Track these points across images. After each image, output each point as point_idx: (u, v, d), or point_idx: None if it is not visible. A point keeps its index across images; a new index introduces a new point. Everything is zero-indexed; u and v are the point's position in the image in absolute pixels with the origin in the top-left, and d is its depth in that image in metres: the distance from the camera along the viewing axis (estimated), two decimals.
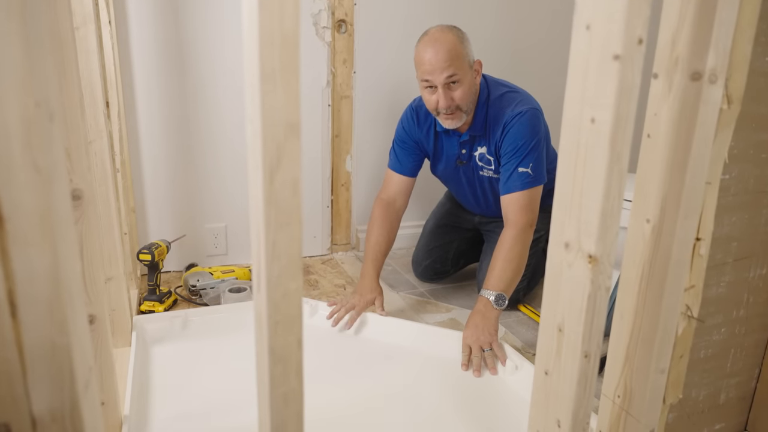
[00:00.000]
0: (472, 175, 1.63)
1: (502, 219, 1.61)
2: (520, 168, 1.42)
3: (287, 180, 0.43)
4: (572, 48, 0.57)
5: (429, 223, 1.90)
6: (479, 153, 1.55)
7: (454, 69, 1.34)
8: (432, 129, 1.59)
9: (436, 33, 1.36)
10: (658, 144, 0.69)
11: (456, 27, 1.39)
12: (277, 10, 0.40)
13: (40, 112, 0.38)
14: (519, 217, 1.41)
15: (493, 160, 1.53)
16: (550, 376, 0.67)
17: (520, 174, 1.42)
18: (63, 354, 0.43)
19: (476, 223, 1.84)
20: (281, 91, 0.41)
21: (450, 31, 1.36)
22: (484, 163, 1.57)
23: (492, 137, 1.49)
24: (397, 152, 1.63)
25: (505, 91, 1.50)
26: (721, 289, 0.91)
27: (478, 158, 1.57)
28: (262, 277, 0.46)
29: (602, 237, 0.58)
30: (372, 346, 1.39)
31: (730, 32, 0.62)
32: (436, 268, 1.85)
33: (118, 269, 1.21)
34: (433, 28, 1.38)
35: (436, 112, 1.44)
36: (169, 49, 1.75)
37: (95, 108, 1.10)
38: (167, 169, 1.84)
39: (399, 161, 1.62)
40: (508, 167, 1.44)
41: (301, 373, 0.51)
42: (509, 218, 1.42)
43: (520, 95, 1.50)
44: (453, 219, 1.87)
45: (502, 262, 1.39)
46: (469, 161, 1.59)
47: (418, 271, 1.88)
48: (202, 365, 1.26)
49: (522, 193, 1.41)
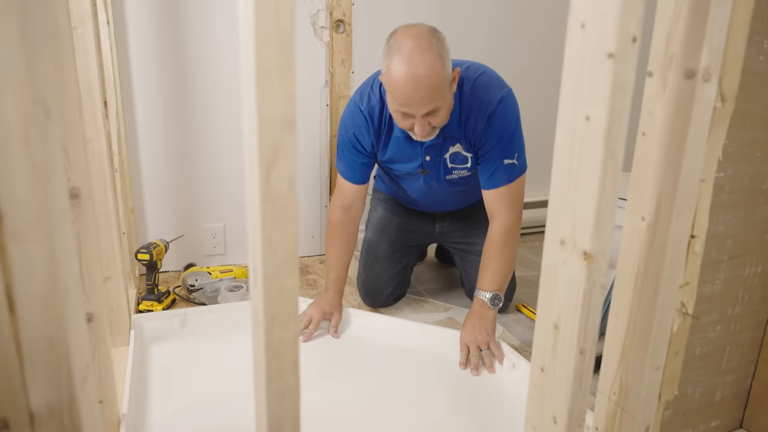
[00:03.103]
0: (436, 183, 1.48)
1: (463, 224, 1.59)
2: (506, 160, 1.33)
3: (283, 176, 0.44)
4: (567, 46, 0.57)
5: (380, 246, 1.64)
6: (452, 153, 1.40)
7: (435, 102, 1.18)
8: (387, 128, 1.40)
9: (416, 61, 1.12)
10: (652, 142, 0.69)
11: (434, 34, 1.16)
12: (273, 8, 0.41)
13: (37, 109, 0.39)
14: (508, 213, 1.35)
15: (470, 157, 1.39)
16: (546, 372, 0.67)
17: (507, 166, 1.34)
18: (60, 349, 0.43)
19: (436, 235, 1.71)
20: (277, 88, 0.41)
21: (430, 50, 1.13)
22: (456, 164, 1.42)
23: (469, 131, 1.34)
24: (347, 161, 1.45)
25: (476, 76, 1.33)
26: (716, 287, 0.91)
27: (449, 160, 1.41)
28: (258, 274, 0.47)
29: (597, 234, 0.59)
30: (370, 346, 1.39)
31: (723, 30, 0.63)
32: (396, 294, 1.69)
33: (116, 268, 1.21)
34: (409, 43, 1.13)
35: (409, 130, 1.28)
36: (168, 49, 1.76)
37: (93, 107, 1.10)
38: (165, 169, 1.85)
39: (350, 170, 1.46)
40: (493, 160, 1.34)
41: (298, 369, 0.51)
42: (497, 214, 1.36)
43: (489, 75, 1.35)
44: (408, 239, 1.68)
45: (494, 262, 1.35)
46: (435, 168, 1.44)
47: (378, 301, 1.64)
48: (200, 364, 1.26)
49: (509, 187, 1.35)
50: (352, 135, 1.42)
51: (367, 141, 1.42)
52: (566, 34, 0.58)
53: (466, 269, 1.68)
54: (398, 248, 1.67)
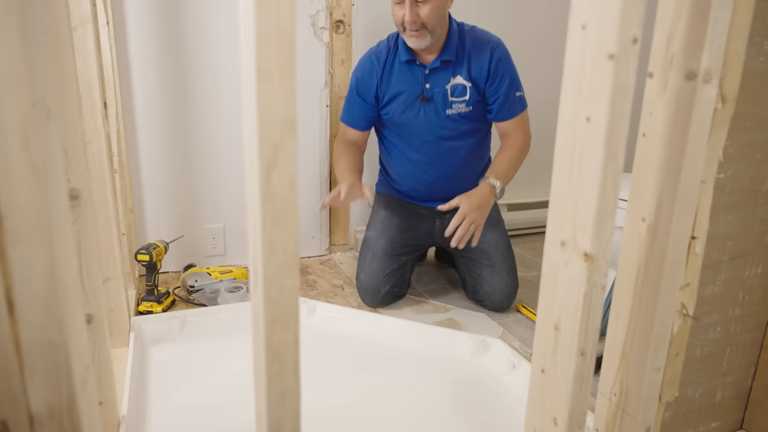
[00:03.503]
0: (435, 116, 1.56)
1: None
2: (517, 93, 1.53)
3: (283, 178, 0.44)
4: (568, 47, 0.57)
5: (379, 243, 1.67)
6: (453, 84, 1.53)
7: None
8: (393, 64, 1.56)
9: None
10: (653, 143, 0.69)
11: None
12: (273, 8, 0.41)
13: (37, 110, 0.38)
14: (524, 134, 1.57)
15: (469, 88, 1.52)
16: (546, 373, 0.67)
17: (518, 98, 1.54)
18: (60, 351, 0.43)
19: (437, 235, 1.73)
20: (278, 89, 0.41)
21: None
22: (456, 96, 1.53)
23: (473, 63, 1.51)
24: (350, 106, 1.64)
25: (473, 26, 1.57)
26: (717, 288, 0.91)
27: (450, 91, 1.53)
28: (258, 275, 0.47)
29: (598, 235, 0.59)
30: (370, 346, 1.39)
31: (724, 32, 0.62)
32: (395, 292, 1.67)
33: (116, 269, 1.21)
34: None
35: (402, 28, 1.46)
36: (168, 49, 1.75)
37: (93, 108, 1.10)
38: (165, 170, 1.85)
39: (352, 116, 1.64)
40: (504, 92, 1.51)
41: (298, 371, 0.51)
42: (514, 136, 1.56)
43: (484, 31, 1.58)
44: (407, 237, 1.70)
45: (509, 161, 1.53)
46: (434, 97, 1.54)
47: (376, 298, 1.64)
48: (199, 365, 1.26)
49: (522, 115, 1.56)
50: (357, 78, 1.61)
51: (372, 82, 1.59)
52: (567, 35, 0.57)
53: (468, 268, 1.68)
54: (397, 246, 1.68)
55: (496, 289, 1.61)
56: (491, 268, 1.62)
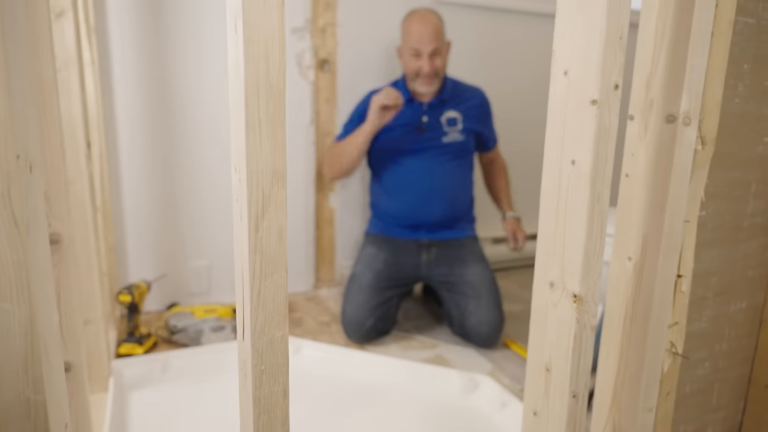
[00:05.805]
0: (431, 144, 1.74)
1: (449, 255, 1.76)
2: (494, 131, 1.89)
3: (273, 227, 0.43)
4: (551, 93, 0.59)
5: (365, 277, 1.70)
6: (447, 117, 1.76)
7: (438, 43, 1.66)
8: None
9: (424, 13, 1.70)
10: (636, 183, 0.70)
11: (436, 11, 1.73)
12: (263, 60, 0.41)
13: (20, 164, 0.38)
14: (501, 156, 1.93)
15: (461, 120, 1.76)
16: (539, 416, 0.66)
17: (495, 134, 1.90)
18: (38, 411, 0.41)
19: (423, 269, 1.75)
20: (267, 140, 0.41)
21: (434, 13, 1.71)
22: (451, 126, 1.75)
23: (463, 102, 1.79)
24: (351, 127, 1.77)
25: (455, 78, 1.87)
26: (704, 324, 0.92)
27: (446, 123, 1.75)
28: (246, 326, 0.45)
29: (586, 276, 0.59)
30: (358, 386, 1.36)
31: (701, 77, 0.64)
32: (379, 327, 1.66)
33: (96, 311, 1.18)
34: (420, 8, 1.73)
35: (416, 75, 1.69)
36: (153, 85, 1.76)
37: (76, 149, 1.09)
38: (149, 207, 1.82)
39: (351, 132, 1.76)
40: (489, 133, 1.86)
41: (287, 423, 0.49)
42: (499, 159, 1.92)
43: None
44: (394, 271, 1.73)
45: (506, 188, 1.87)
46: (431, 128, 1.74)
47: (360, 332, 1.63)
48: (182, 412, 1.22)
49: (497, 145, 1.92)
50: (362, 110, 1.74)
51: None
52: (550, 81, 0.59)
53: (455, 302, 1.67)
54: (383, 279, 1.70)
55: (483, 321, 1.60)
56: (477, 300, 1.62)
